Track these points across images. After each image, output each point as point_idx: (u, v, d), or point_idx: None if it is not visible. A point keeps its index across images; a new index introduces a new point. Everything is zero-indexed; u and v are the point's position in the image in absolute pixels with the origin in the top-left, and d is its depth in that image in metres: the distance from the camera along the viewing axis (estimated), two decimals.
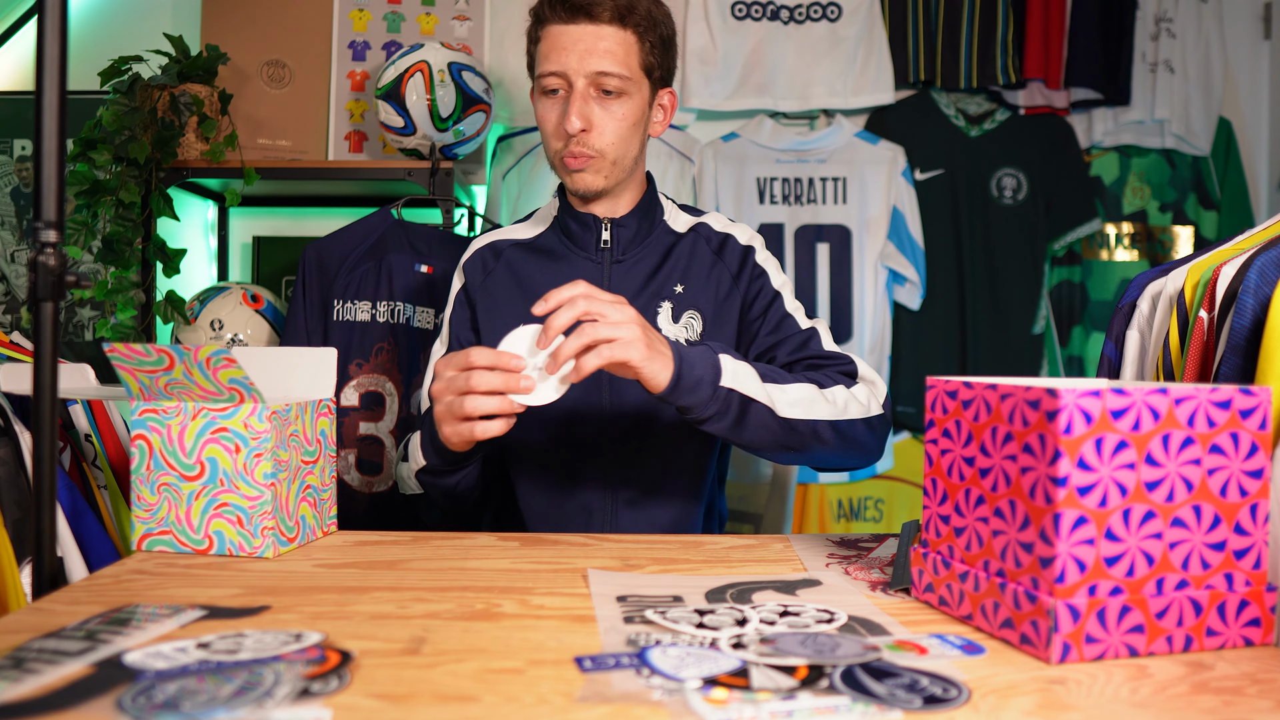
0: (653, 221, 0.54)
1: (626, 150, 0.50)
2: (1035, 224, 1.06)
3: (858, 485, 1.07)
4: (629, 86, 0.49)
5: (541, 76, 0.49)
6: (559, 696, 0.24)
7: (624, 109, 0.49)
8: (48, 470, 0.35)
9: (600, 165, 0.50)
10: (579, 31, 0.48)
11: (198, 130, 0.86)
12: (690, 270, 0.53)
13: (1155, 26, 1.06)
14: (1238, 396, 0.29)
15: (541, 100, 0.50)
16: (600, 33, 0.48)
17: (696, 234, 0.54)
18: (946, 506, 0.32)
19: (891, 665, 0.26)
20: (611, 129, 0.49)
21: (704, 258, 0.53)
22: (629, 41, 0.49)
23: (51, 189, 0.36)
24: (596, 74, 0.48)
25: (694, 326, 0.52)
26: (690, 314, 0.52)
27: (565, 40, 0.48)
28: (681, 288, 0.52)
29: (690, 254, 0.53)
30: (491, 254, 0.55)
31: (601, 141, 0.49)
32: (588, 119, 0.48)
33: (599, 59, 0.48)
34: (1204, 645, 0.28)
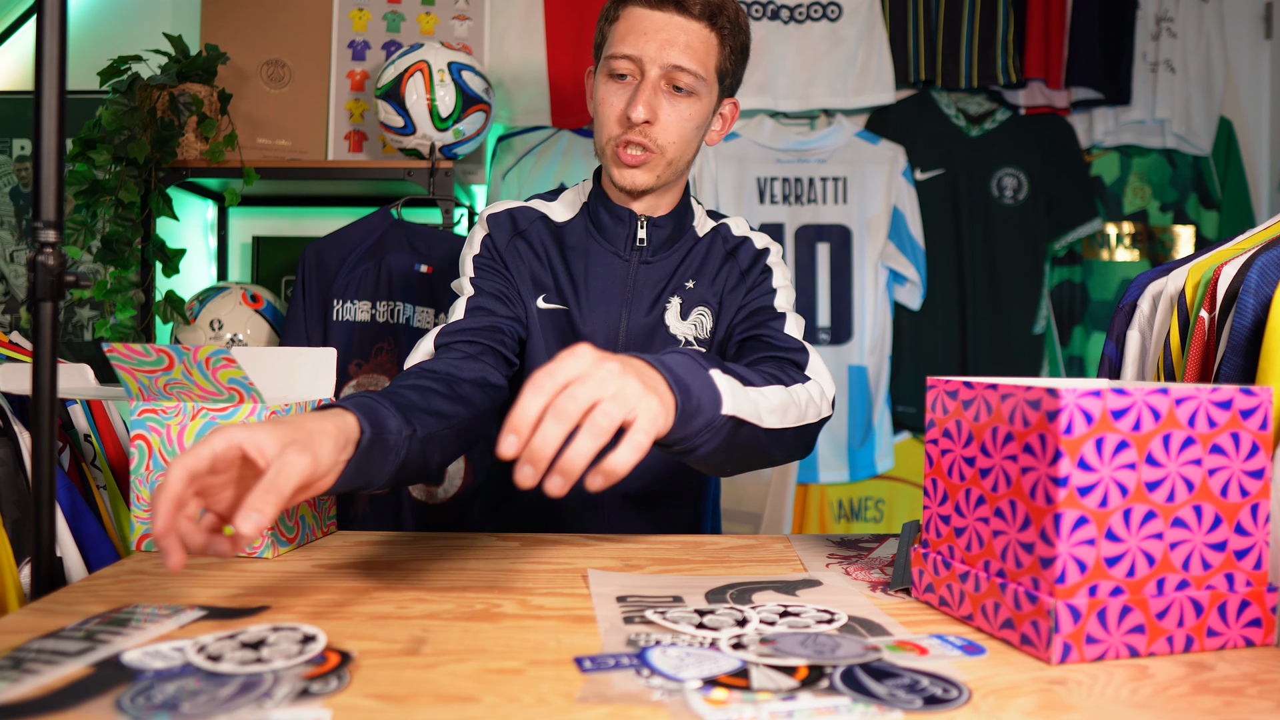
0: (684, 226, 0.52)
1: (685, 152, 0.48)
2: (1036, 224, 1.06)
3: (858, 486, 1.07)
4: (701, 87, 0.46)
5: (612, 58, 0.46)
6: (559, 697, 0.24)
7: (692, 109, 0.46)
8: (47, 470, 0.35)
9: (656, 164, 0.47)
10: (664, 19, 0.45)
11: (197, 130, 0.85)
12: (703, 268, 0.51)
13: (1156, 26, 1.06)
14: (1238, 396, 0.29)
15: (605, 82, 0.47)
16: (686, 26, 0.45)
17: (715, 234, 0.52)
18: (947, 507, 0.32)
19: (892, 666, 0.26)
20: (676, 127, 0.46)
21: (717, 256, 0.52)
22: (711, 41, 0.46)
23: (51, 189, 0.36)
24: (672, 67, 0.45)
25: (703, 324, 0.50)
26: (700, 310, 0.50)
27: (647, 25, 0.45)
28: (692, 283, 0.50)
29: (706, 253, 0.52)
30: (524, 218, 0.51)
31: (664, 138, 0.46)
32: (654, 111, 0.45)
33: (679, 52, 0.45)
34: (1205, 646, 0.28)
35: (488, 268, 0.50)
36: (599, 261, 0.50)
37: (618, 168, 0.47)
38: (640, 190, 0.48)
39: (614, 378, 0.29)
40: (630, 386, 0.29)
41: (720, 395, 0.34)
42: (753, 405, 0.36)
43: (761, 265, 0.52)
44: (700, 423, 0.33)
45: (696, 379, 0.33)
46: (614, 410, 0.28)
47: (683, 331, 0.50)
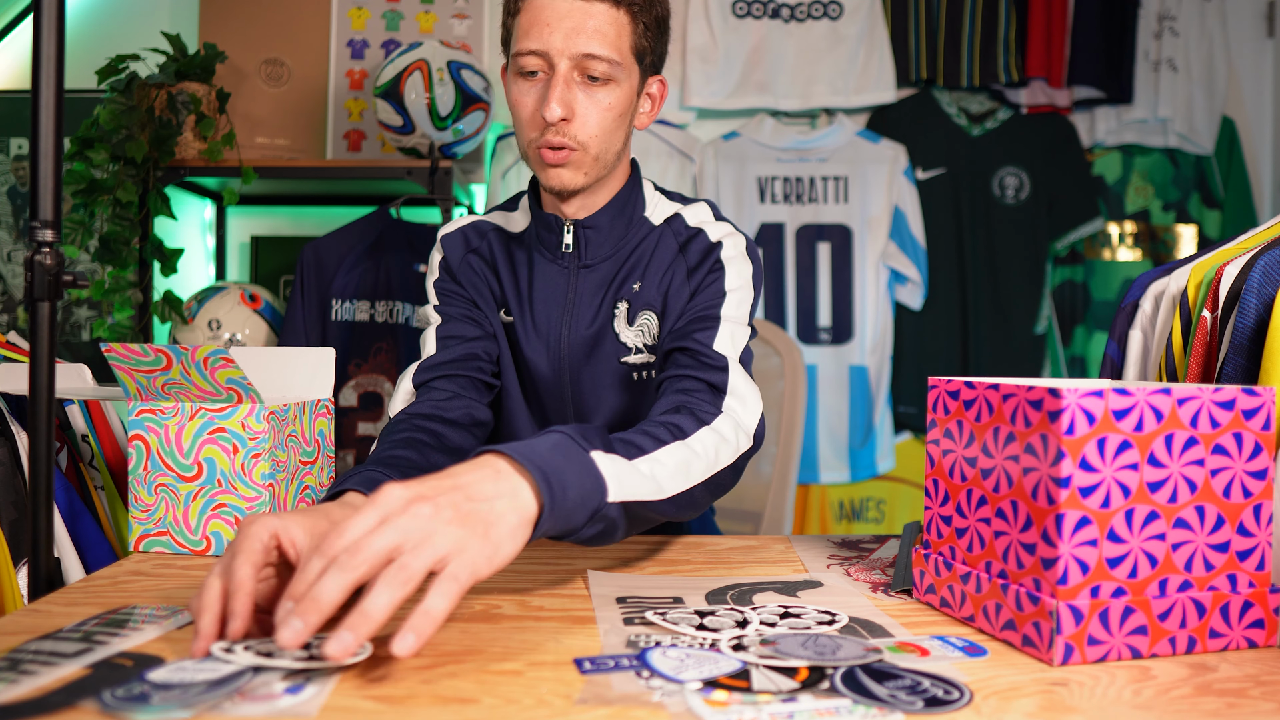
0: (629, 220, 0.47)
1: (610, 143, 0.44)
2: (1037, 223, 1.06)
3: (859, 486, 1.07)
4: (618, 73, 0.43)
5: (518, 55, 0.43)
6: (558, 698, 0.24)
7: (611, 97, 0.43)
8: (44, 471, 0.35)
9: (581, 160, 0.43)
10: (566, 6, 0.41)
11: (195, 129, 0.85)
12: (650, 265, 0.47)
13: (1158, 25, 1.06)
14: (1241, 397, 0.29)
15: (516, 82, 0.43)
16: (590, 9, 0.41)
17: (668, 226, 0.48)
18: (948, 507, 0.32)
19: (893, 667, 0.26)
20: (595, 119, 0.43)
21: (667, 251, 0.47)
22: (621, 21, 0.42)
23: (48, 188, 0.35)
24: (583, 56, 0.41)
25: (649, 329, 0.46)
26: (645, 314, 0.46)
27: (549, 15, 0.41)
28: (639, 285, 0.46)
29: (655, 248, 0.47)
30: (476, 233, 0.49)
31: (584, 133, 0.43)
32: (569, 106, 0.42)
33: (587, 39, 0.41)
34: (1207, 647, 0.28)
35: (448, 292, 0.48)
36: (541, 272, 0.48)
37: (542, 170, 0.44)
38: (571, 190, 0.45)
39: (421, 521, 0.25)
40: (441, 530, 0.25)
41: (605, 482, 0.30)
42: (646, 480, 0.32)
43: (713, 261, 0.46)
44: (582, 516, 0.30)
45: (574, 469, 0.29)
46: (415, 561, 0.24)
47: (632, 339, 0.46)
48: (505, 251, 0.49)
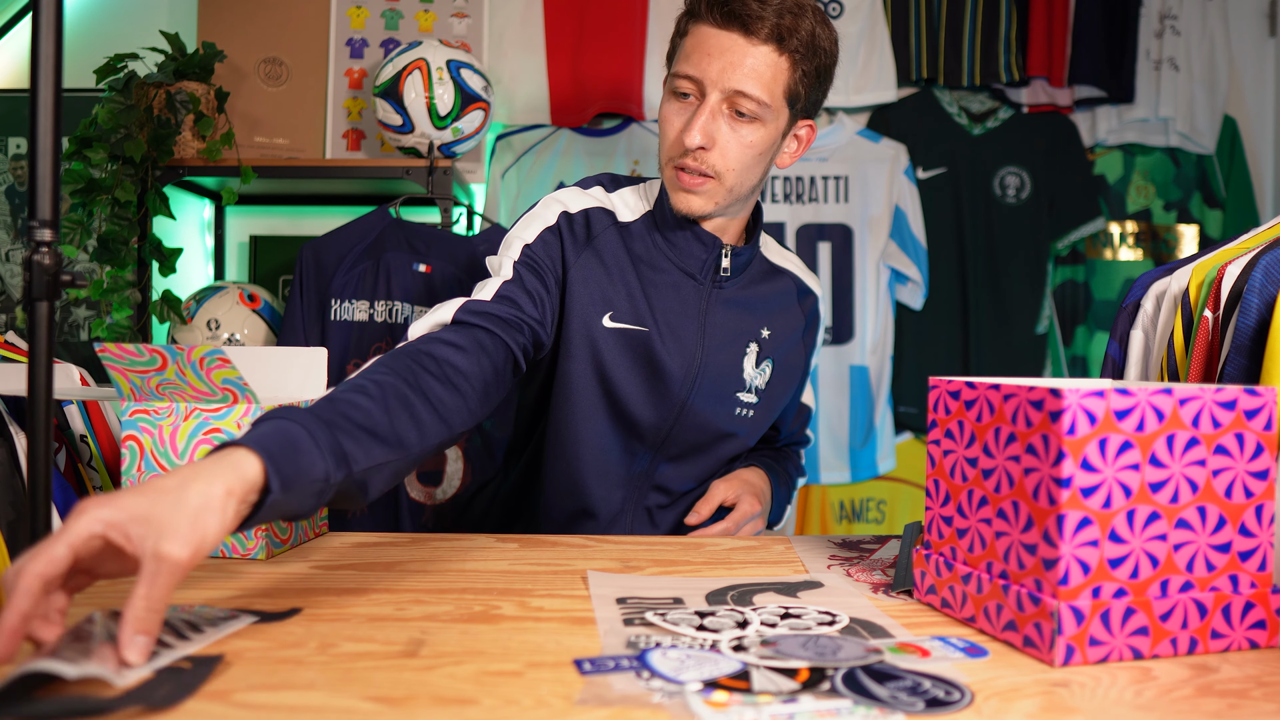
0: (755, 250, 0.51)
1: (746, 179, 0.45)
2: (1038, 223, 1.06)
3: (859, 486, 1.07)
4: (765, 113, 0.44)
5: (675, 76, 0.45)
6: (558, 699, 0.24)
7: (754, 135, 0.44)
8: (43, 471, 0.35)
9: (715, 191, 0.45)
10: (729, 41, 0.43)
11: (194, 128, 0.85)
12: (779, 319, 0.52)
13: (1159, 24, 1.06)
14: (1243, 397, 0.29)
15: (668, 99, 0.46)
16: (752, 50, 0.43)
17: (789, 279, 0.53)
18: (949, 508, 0.32)
19: (893, 668, 0.26)
20: (735, 153, 0.44)
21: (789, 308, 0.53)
22: (780, 66, 0.43)
23: (46, 188, 0.35)
24: (734, 93, 0.43)
25: (766, 373, 0.51)
26: (768, 362, 0.51)
27: (712, 45, 0.43)
28: (768, 333, 0.51)
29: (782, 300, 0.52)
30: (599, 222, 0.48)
31: (722, 163, 0.44)
32: (711, 137, 0.43)
33: (742, 77, 0.43)
34: (1209, 648, 0.28)
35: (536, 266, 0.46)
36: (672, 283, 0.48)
37: (674, 191, 0.46)
38: (697, 216, 0.46)
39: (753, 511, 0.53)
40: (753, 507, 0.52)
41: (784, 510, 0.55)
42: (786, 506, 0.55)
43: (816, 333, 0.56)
44: None
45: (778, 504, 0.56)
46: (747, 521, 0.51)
47: (752, 378, 0.50)
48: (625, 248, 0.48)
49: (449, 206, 0.86)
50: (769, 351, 0.51)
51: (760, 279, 0.51)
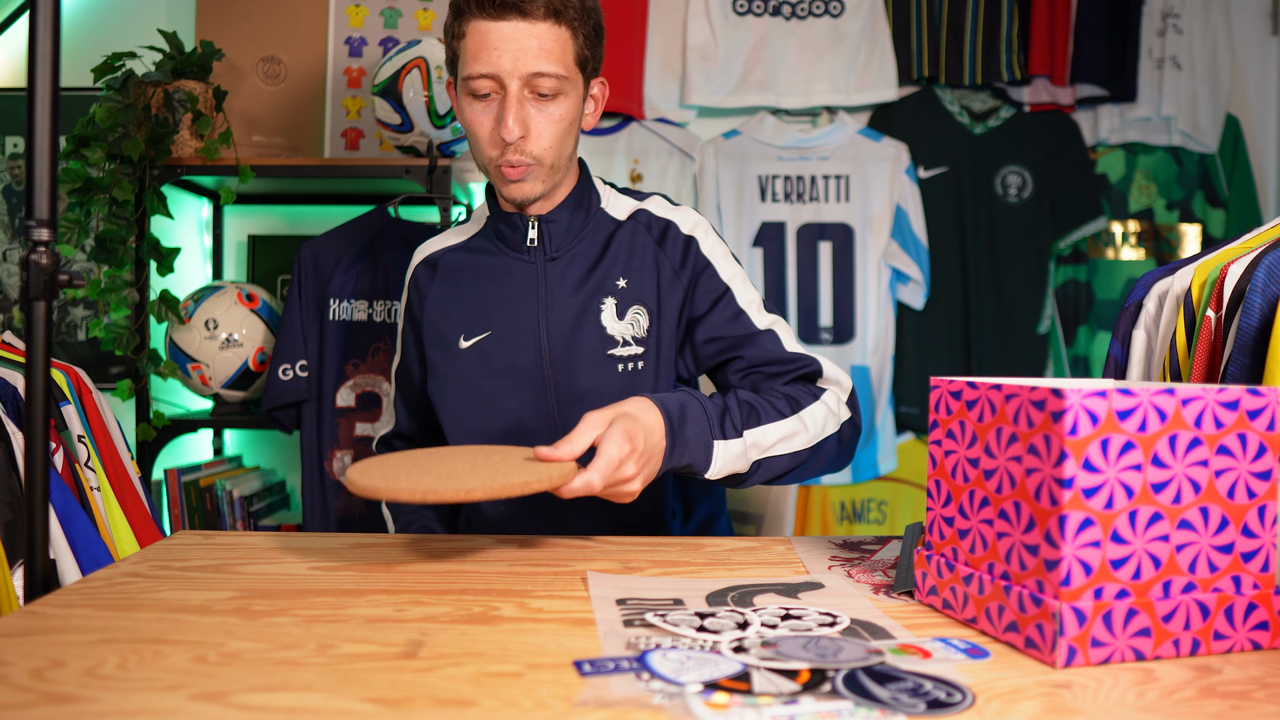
0: (588, 211, 0.50)
1: (563, 152, 0.47)
2: (1040, 222, 1.06)
3: (860, 487, 1.07)
4: (565, 86, 0.45)
5: (470, 79, 0.45)
6: (558, 701, 0.24)
7: (560, 109, 0.45)
8: (40, 472, 0.35)
9: (539, 172, 0.46)
10: (510, 29, 0.43)
11: (192, 127, 0.85)
12: (632, 262, 0.49)
13: (1162, 22, 1.05)
14: (1245, 397, 0.28)
15: (469, 103, 0.46)
16: (534, 30, 0.43)
17: (636, 221, 0.50)
18: (950, 508, 0.32)
19: (895, 669, 0.26)
20: (549, 133, 0.45)
21: (645, 247, 0.50)
22: (563, 37, 0.44)
23: (44, 187, 0.35)
24: (532, 75, 0.44)
25: (640, 322, 0.49)
26: (635, 309, 0.48)
27: (495, 39, 0.43)
28: (625, 281, 0.48)
29: (630, 244, 0.49)
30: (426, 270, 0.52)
31: (539, 147, 0.45)
32: (524, 124, 0.44)
33: (534, 59, 0.43)
34: (1211, 649, 0.28)
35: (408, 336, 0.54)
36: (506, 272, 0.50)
37: (504, 184, 0.47)
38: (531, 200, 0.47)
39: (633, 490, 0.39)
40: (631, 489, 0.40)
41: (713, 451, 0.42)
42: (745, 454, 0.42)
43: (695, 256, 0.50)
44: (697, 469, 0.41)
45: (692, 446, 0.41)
46: None
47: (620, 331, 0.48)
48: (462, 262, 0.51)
49: (448, 205, 0.85)
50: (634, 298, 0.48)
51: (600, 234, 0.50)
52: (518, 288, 0.49)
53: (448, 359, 0.50)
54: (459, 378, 0.49)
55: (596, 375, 0.49)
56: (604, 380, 0.49)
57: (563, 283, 0.49)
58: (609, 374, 0.49)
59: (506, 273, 0.49)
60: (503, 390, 0.49)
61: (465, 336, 0.49)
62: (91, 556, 0.45)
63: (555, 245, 0.49)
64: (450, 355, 0.50)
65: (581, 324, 0.49)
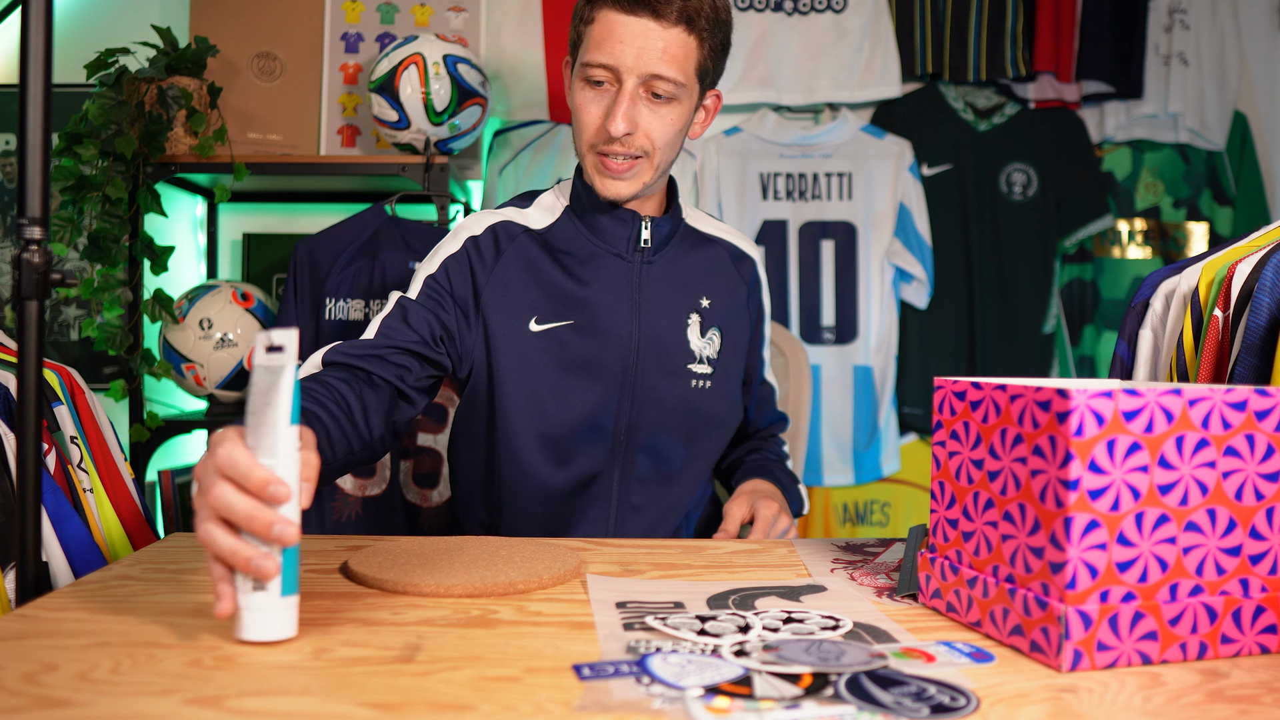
0: (678, 220, 0.52)
1: (669, 155, 0.47)
2: (1045, 220, 1.05)
3: (863, 489, 1.06)
4: (681, 93, 0.45)
5: (588, 65, 0.45)
6: (557, 705, 0.24)
7: (673, 114, 0.45)
8: (32, 473, 0.34)
9: (643, 171, 0.46)
10: (640, 26, 0.43)
11: (186, 124, 0.84)
12: (716, 285, 0.52)
13: (1169, 18, 1.04)
14: (1253, 397, 0.28)
15: (582, 88, 0.46)
16: (664, 34, 0.43)
17: (720, 246, 0.53)
18: (954, 510, 0.31)
19: (898, 673, 0.26)
20: (659, 132, 0.45)
21: (728, 274, 0.53)
22: (690, 45, 0.45)
23: (36, 185, 0.35)
24: (651, 76, 0.44)
25: (714, 343, 0.51)
26: (713, 330, 0.51)
27: (623, 32, 0.43)
28: (709, 302, 0.51)
29: (717, 266, 0.53)
30: (506, 235, 0.49)
31: (648, 142, 0.45)
32: (634, 122, 0.44)
33: (656, 61, 0.44)
34: (1219, 653, 0.28)
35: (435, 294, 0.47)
36: (602, 265, 0.49)
37: (601, 177, 0.46)
38: (624, 199, 0.47)
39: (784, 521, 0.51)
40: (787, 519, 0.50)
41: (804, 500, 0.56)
42: None
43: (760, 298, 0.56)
44: None
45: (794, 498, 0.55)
46: None
47: (699, 348, 0.50)
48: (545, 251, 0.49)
49: (446, 204, 0.85)
50: (713, 320, 0.51)
51: (690, 249, 0.52)
52: (611, 284, 0.48)
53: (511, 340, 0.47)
54: (525, 362, 0.47)
55: (673, 386, 0.50)
56: (679, 392, 0.50)
57: (659, 288, 0.49)
58: (683, 387, 0.50)
59: (602, 266, 0.49)
60: (575, 383, 0.48)
61: (538, 320, 0.48)
62: (84, 559, 0.45)
63: (655, 250, 0.50)
64: (516, 337, 0.47)
65: (671, 333, 0.50)
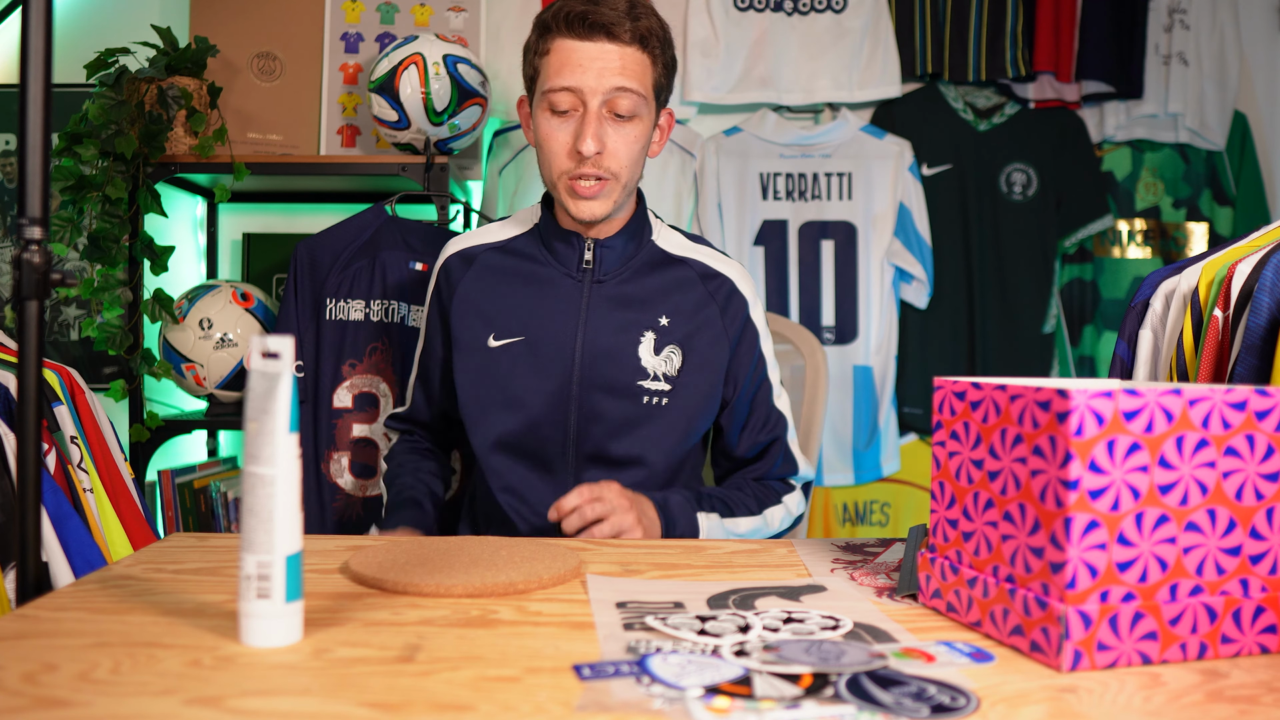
0: (640, 241, 0.52)
1: (635, 173, 0.49)
2: (1045, 220, 1.05)
3: (863, 489, 1.06)
4: (642, 109, 0.48)
5: (551, 92, 0.47)
6: (557, 705, 0.24)
7: (635, 130, 0.48)
8: (32, 473, 0.34)
9: (612, 190, 0.48)
10: (596, 49, 0.46)
11: (186, 124, 0.84)
12: (680, 305, 0.52)
13: (1169, 18, 1.05)
14: (1253, 397, 0.28)
15: (546, 118, 0.48)
16: (621, 52, 0.46)
17: (688, 266, 0.53)
18: (954, 510, 0.31)
19: (898, 673, 0.26)
20: (625, 151, 0.47)
21: (693, 293, 0.52)
22: (645, 63, 0.47)
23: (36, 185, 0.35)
24: (615, 89, 0.46)
25: (673, 361, 0.51)
26: (671, 349, 0.51)
27: (581, 57, 0.46)
28: (667, 321, 0.51)
29: (680, 287, 0.52)
30: (460, 262, 0.53)
31: (615, 164, 0.47)
32: (602, 141, 0.47)
33: (617, 76, 0.46)
34: (1219, 653, 0.28)
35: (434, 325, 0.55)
36: (552, 284, 0.51)
37: (574, 200, 0.48)
38: (599, 219, 0.49)
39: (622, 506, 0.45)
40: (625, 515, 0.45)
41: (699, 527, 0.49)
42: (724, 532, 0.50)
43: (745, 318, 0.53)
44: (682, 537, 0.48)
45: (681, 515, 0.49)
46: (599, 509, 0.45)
47: (654, 365, 0.50)
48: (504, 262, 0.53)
49: (446, 204, 0.85)
50: (673, 338, 0.51)
51: (651, 270, 0.52)
52: (559, 301, 0.51)
53: (475, 352, 0.51)
54: (486, 372, 0.51)
55: (619, 402, 0.50)
56: (626, 409, 0.50)
57: (606, 306, 0.51)
58: (633, 404, 0.51)
59: (550, 284, 0.51)
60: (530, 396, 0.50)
61: (496, 336, 0.51)
62: (84, 559, 0.45)
63: (604, 269, 0.51)
64: (477, 350, 0.51)
65: (616, 350, 0.50)
